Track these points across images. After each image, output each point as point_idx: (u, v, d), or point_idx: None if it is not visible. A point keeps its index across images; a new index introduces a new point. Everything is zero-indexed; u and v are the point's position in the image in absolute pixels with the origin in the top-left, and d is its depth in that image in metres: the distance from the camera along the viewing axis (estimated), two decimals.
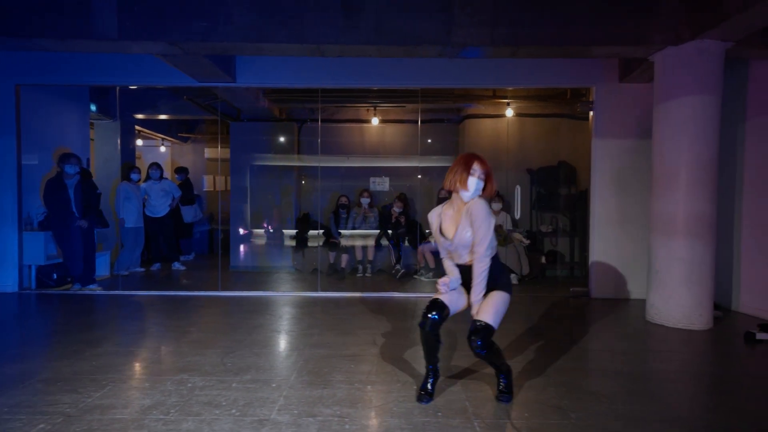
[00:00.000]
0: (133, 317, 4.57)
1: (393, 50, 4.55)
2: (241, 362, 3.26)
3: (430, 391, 2.70)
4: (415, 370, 3.13)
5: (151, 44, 4.38)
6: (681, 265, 4.32)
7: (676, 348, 3.79)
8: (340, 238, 7.29)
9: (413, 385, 2.86)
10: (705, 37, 4.13)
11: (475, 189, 2.63)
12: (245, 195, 8.16)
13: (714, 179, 4.31)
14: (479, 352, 2.55)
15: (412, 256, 7.27)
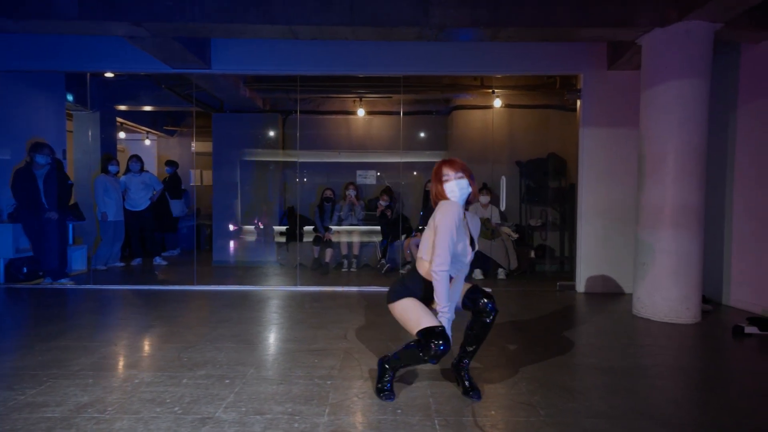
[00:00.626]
0: (98, 311, 4.39)
1: (369, 32, 4.36)
2: (198, 357, 3.08)
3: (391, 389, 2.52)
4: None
5: (113, 25, 4.19)
6: (667, 257, 4.14)
7: (661, 342, 3.62)
8: (326, 233, 7.10)
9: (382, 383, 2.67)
10: (692, 17, 3.95)
11: (459, 191, 2.44)
12: (228, 189, 7.96)
13: (702, 167, 4.14)
14: (492, 313, 2.50)
15: (398, 251, 7.09)
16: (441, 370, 2.88)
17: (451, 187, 2.44)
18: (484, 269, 6.53)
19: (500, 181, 6.22)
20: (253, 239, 8.09)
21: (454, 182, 2.44)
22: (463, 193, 2.45)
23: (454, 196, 2.44)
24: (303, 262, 7.22)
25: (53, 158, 5.74)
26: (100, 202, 6.93)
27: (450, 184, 2.44)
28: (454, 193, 2.44)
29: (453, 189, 2.44)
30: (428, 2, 4.09)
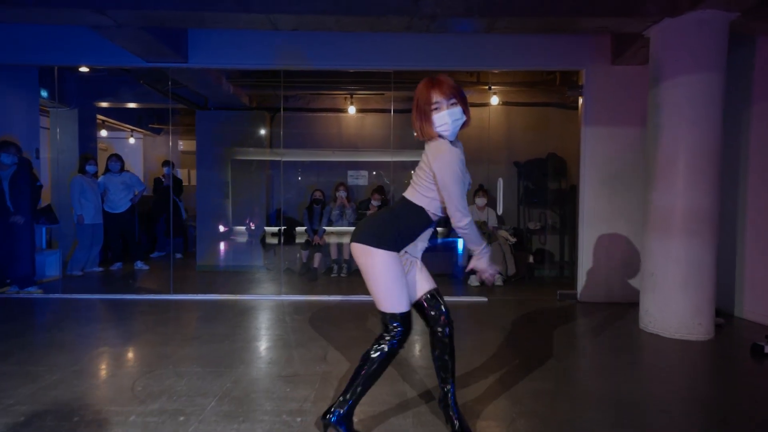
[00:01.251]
0: (58, 326, 4.02)
1: (354, 22, 4.01)
2: (155, 386, 2.73)
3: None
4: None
5: (74, 13, 3.81)
6: (678, 267, 3.80)
7: (672, 364, 3.28)
8: (316, 236, 6.74)
9: (355, 417, 2.33)
10: (706, 6, 3.61)
11: (452, 123, 1.96)
12: (213, 189, 7.60)
13: (716, 169, 3.79)
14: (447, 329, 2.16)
15: None
16: (427, 402, 2.54)
17: (442, 117, 1.95)
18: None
19: (497, 183, 5.86)
20: (240, 241, 7.73)
21: (446, 112, 1.95)
22: (456, 126, 1.99)
23: (447, 130, 1.97)
24: (291, 267, 6.88)
25: (20, 157, 5.37)
26: (76, 204, 6.57)
27: (439, 114, 1.95)
28: (446, 126, 1.97)
29: (445, 121, 1.96)
30: None
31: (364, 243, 2.03)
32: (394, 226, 2.04)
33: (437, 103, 1.96)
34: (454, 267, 6.77)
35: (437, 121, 1.97)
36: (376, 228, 2.05)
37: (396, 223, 2.05)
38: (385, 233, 2.03)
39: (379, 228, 2.05)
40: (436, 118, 1.97)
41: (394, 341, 2.04)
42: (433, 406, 2.48)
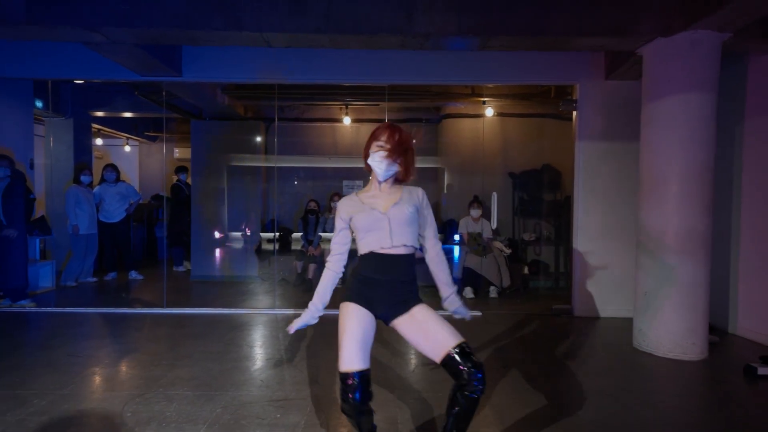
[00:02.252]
0: (48, 344, 4.00)
1: (348, 40, 4.01)
2: (144, 411, 2.71)
3: None
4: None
5: (66, 30, 3.81)
6: (671, 287, 3.80)
7: (665, 386, 3.28)
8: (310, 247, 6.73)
9: None
10: (699, 27, 3.62)
11: (386, 166, 2.06)
12: (208, 199, 7.58)
13: (710, 189, 3.80)
14: (480, 387, 1.93)
15: None
16: (419, 429, 2.53)
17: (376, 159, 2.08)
18: (475, 287, 6.19)
19: (492, 196, 5.86)
20: (234, 250, 7.71)
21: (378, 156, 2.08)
22: (387, 172, 2.10)
23: (379, 169, 2.09)
24: (285, 278, 6.86)
25: (14, 170, 5.35)
26: (71, 215, 6.54)
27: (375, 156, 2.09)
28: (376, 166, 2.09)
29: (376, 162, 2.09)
30: (412, 8, 3.74)
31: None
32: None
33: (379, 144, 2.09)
34: None
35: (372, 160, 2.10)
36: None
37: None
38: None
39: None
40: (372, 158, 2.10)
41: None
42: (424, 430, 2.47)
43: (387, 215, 2.04)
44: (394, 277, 2.04)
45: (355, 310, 2.02)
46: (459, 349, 1.94)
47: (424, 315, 2.04)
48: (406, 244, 2.05)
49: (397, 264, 2.05)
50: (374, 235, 2.04)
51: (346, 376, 1.96)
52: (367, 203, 2.10)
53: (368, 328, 2.03)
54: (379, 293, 2.04)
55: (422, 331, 2.01)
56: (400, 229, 2.04)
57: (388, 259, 2.04)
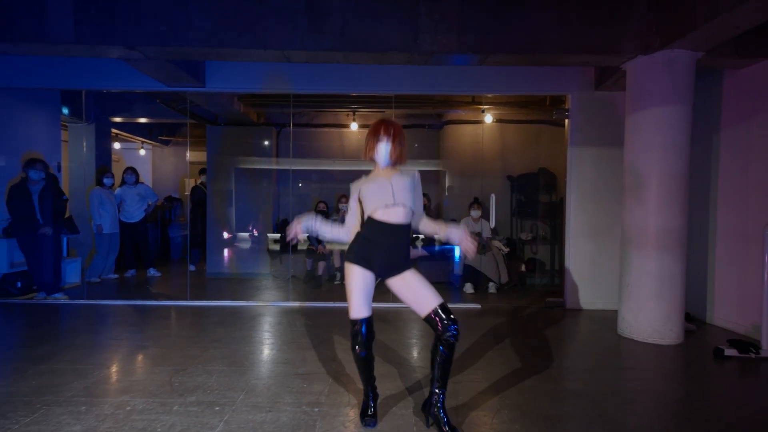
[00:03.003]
0: (91, 330, 4.44)
1: (360, 57, 4.45)
2: (189, 381, 3.14)
3: (374, 414, 2.60)
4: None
5: (109, 48, 4.26)
6: (650, 279, 4.24)
7: (643, 365, 3.71)
8: (320, 246, 7.17)
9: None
10: (675, 46, 4.06)
11: (386, 153, 2.54)
12: (223, 199, 8.03)
13: (685, 192, 4.24)
14: (453, 338, 2.45)
15: None
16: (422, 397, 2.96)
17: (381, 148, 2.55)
18: (475, 283, 6.62)
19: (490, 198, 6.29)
20: (247, 249, 8.15)
21: (384, 144, 2.54)
22: (386, 157, 2.56)
23: (381, 156, 2.55)
24: (295, 275, 7.29)
25: (47, 173, 5.79)
26: (95, 215, 6.99)
27: (381, 145, 2.55)
28: (380, 153, 2.55)
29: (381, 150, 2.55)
30: (418, 29, 4.19)
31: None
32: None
33: (381, 137, 2.56)
34: (450, 275, 7.19)
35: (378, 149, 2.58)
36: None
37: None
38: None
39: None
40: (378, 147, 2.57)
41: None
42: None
43: (390, 181, 2.54)
44: (393, 242, 2.51)
45: (358, 271, 2.52)
46: (440, 308, 2.46)
47: (414, 279, 2.52)
48: (405, 204, 2.51)
49: (397, 231, 2.52)
50: (379, 196, 2.51)
51: (355, 322, 2.54)
52: (372, 178, 2.60)
53: (369, 283, 2.55)
54: (378, 254, 2.50)
55: (411, 291, 2.51)
56: (401, 192, 2.52)
57: (389, 226, 2.51)
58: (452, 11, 4.16)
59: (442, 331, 2.44)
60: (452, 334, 2.43)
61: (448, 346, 2.45)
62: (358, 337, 2.54)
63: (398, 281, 2.52)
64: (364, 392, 2.66)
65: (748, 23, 3.49)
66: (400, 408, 2.80)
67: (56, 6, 4.05)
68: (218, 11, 4.14)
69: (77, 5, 4.08)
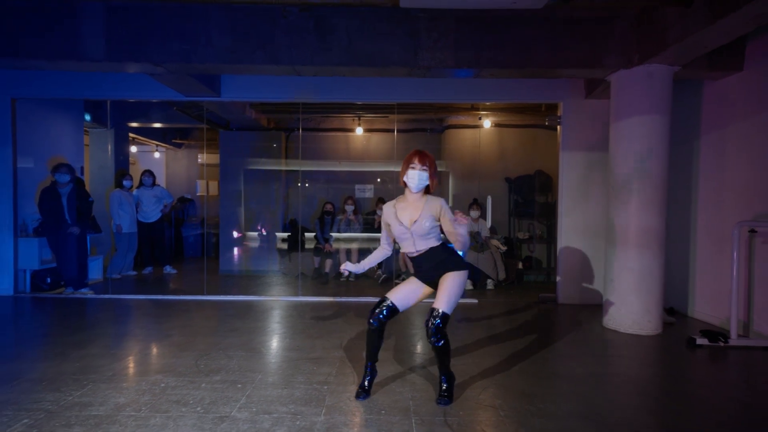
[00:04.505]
0: (119, 321, 4.87)
1: (364, 71, 4.84)
2: (213, 364, 3.55)
3: (367, 388, 3.01)
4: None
5: (135, 65, 4.68)
6: (631, 274, 4.61)
7: (622, 352, 4.08)
8: (326, 244, 7.58)
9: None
10: (653, 61, 4.43)
11: (418, 180, 2.89)
12: (234, 200, 8.46)
13: (663, 195, 4.60)
14: (433, 339, 2.83)
15: (393, 261, 7.56)
16: (425, 375, 3.35)
17: (414, 174, 2.92)
18: (474, 280, 6.99)
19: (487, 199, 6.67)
20: (258, 248, 8.58)
21: (417, 172, 2.91)
22: (420, 182, 2.93)
23: (414, 181, 2.92)
24: (304, 272, 7.70)
25: (73, 176, 6.23)
26: (115, 216, 7.43)
27: (413, 172, 2.92)
28: (413, 179, 2.92)
29: (413, 177, 2.92)
30: (417, 46, 4.57)
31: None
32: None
33: (414, 164, 2.93)
34: None
35: (409, 175, 2.96)
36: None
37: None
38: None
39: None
40: (410, 173, 2.95)
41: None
42: (424, 378, 3.29)
43: (410, 230, 2.95)
44: (426, 266, 2.99)
45: (411, 279, 3.08)
46: (441, 313, 2.84)
47: (451, 278, 2.91)
48: (426, 248, 2.96)
49: (424, 259, 2.98)
50: (403, 244, 3.02)
51: (383, 299, 2.97)
52: (399, 215, 3.00)
53: (416, 288, 3.04)
54: (420, 274, 3.04)
55: (442, 287, 2.93)
56: (420, 239, 2.95)
57: (417, 258, 3.01)
58: (449, 30, 4.55)
59: (427, 332, 2.89)
60: (432, 341, 2.87)
61: (433, 347, 2.91)
62: (377, 308, 2.94)
63: (441, 280, 2.96)
64: (364, 367, 3.05)
65: (715, 43, 3.86)
66: (397, 384, 3.20)
67: (89, 27, 4.47)
68: (235, 31, 4.55)
69: (108, 26, 4.50)
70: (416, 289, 3.03)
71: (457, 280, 2.90)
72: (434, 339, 2.84)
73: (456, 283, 2.90)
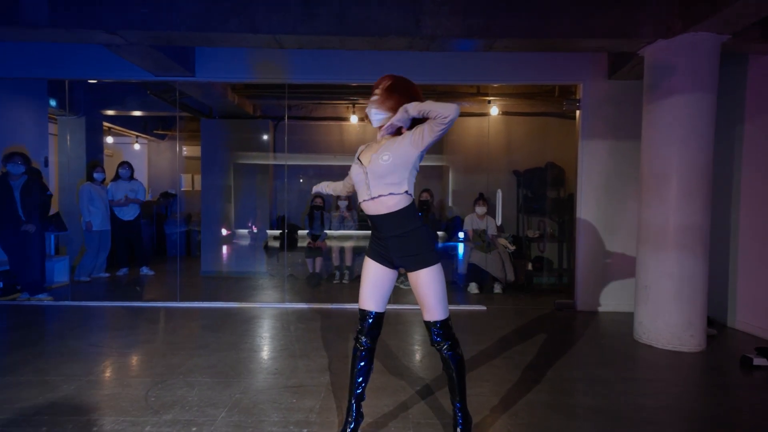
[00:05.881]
0: (70, 335, 4.16)
1: (357, 42, 4.14)
2: (167, 396, 2.86)
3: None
4: (365, 407, 2.72)
5: (86, 33, 3.96)
6: (670, 280, 3.93)
7: (663, 375, 3.41)
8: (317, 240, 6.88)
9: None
10: (698, 29, 3.74)
11: (373, 116, 2.25)
12: (218, 194, 7.75)
13: (708, 187, 3.92)
14: (445, 347, 2.21)
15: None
16: (432, 406, 2.67)
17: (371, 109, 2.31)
18: (480, 283, 6.32)
19: (496, 194, 5.98)
20: (243, 246, 7.88)
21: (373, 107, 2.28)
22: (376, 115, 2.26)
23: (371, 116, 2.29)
24: (293, 273, 7.01)
25: (29, 167, 5.51)
26: (84, 212, 6.72)
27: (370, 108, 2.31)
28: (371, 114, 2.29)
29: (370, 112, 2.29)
30: (420, 12, 3.87)
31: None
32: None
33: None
34: (453, 274, 6.89)
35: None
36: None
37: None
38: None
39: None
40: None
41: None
42: (431, 416, 2.61)
43: (366, 169, 2.20)
44: (387, 233, 2.19)
45: (369, 263, 2.31)
46: (438, 324, 2.20)
47: (424, 281, 2.17)
48: (383, 194, 2.15)
49: (384, 221, 2.19)
50: (359, 191, 2.25)
51: (361, 312, 2.32)
52: (361, 156, 2.29)
53: (380, 277, 2.29)
54: (384, 247, 2.25)
55: (420, 294, 2.21)
56: (377, 182, 2.16)
57: (376, 219, 2.21)
58: None
59: (437, 347, 2.24)
60: (444, 351, 2.22)
61: (443, 360, 2.23)
62: (359, 329, 2.34)
63: (412, 278, 2.20)
64: (346, 409, 2.35)
65: None
66: (399, 429, 2.51)
67: None
68: None
69: None
70: (382, 277, 2.28)
71: (434, 277, 2.18)
72: (445, 346, 2.20)
73: (435, 280, 2.17)
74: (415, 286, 2.20)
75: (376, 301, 2.29)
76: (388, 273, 2.29)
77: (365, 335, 2.31)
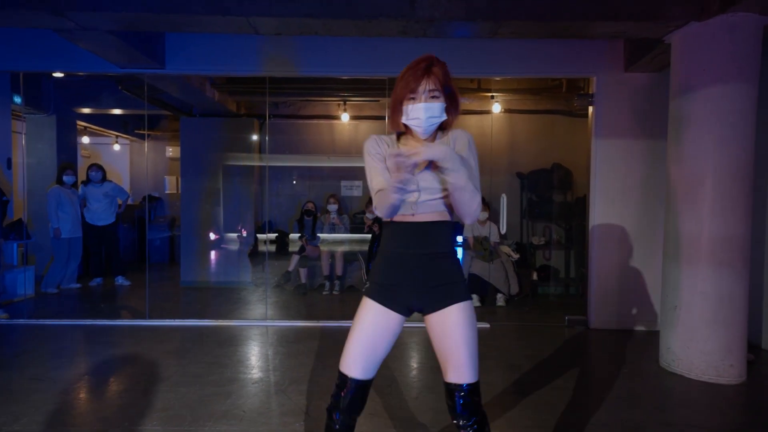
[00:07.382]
0: (11, 364, 3.60)
1: (343, 26, 3.61)
2: None
3: None
4: None
5: (30, 14, 3.41)
6: (705, 300, 3.40)
7: (702, 418, 2.88)
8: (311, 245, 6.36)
9: None
10: (738, 9, 3.21)
11: (428, 116, 1.63)
12: (197, 198, 7.19)
13: (749, 192, 3.39)
14: (463, 423, 1.63)
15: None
16: None
17: (419, 108, 1.64)
18: (481, 295, 5.79)
19: (501, 199, 5.44)
20: (226, 255, 7.33)
21: (422, 104, 1.63)
22: (430, 118, 1.66)
23: (421, 116, 1.64)
24: (281, 284, 6.48)
25: None
26: (52, 217, 6.17)
27: (416, 106, 1.64)
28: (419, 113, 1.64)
29: (418, 111, 1.64)
30: None
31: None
32: None
33: (418, 92, 1.64)
34: None
35: (411, 111, 1.66)
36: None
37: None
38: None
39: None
40: (412, 108, 1.65)
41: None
42: None
43: (416, 178, 1.61)
44: (422, 250, 1.65)
45: (372, 309, 1.68)
46: (467, 388, 1.61)
47: (456, 321, 1.62)
48: (436, 210, 1.66)
49: (431, 231, 1.65)
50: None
51: (341, 378, 1.72)
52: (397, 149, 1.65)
53: (382, 329, 1.68)
54: (404, 274, 1.66)
55: (447, 342, 1.63)
56: (427, 194, 1.64)
57: (413, 227, 1.65)
58: None
59: (457, 421, 1.64)
60: (467, 427, 1.62)
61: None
62: (337, 397, 1.72)
63: (437, 319, 1.64)
64: None
65: None
66: None
67: None
68: None
69: None
70: (384, 329, 1.68)
71: (470, 316, 1.63)
72: (471, 423, 1.62)
73: (470, 323, 1.63)
74: (440, 331, 1.64)
75: (365, 364, 1.68)
76: (393, 322, 1.68)
77: (342, 411, 1.71)
